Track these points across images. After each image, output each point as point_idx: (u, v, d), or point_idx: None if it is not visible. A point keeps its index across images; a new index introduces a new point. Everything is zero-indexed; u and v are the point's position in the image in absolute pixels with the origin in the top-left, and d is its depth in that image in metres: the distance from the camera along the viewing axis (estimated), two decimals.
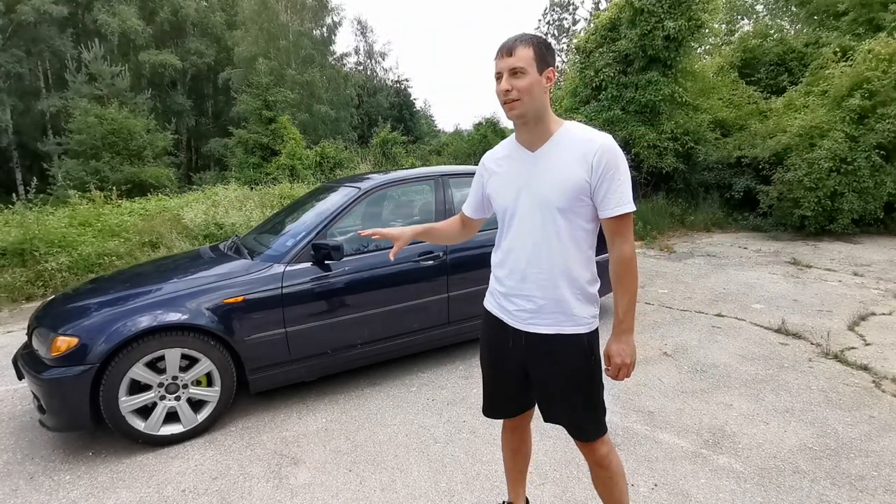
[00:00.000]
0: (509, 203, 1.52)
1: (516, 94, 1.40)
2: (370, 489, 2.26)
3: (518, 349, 1.58)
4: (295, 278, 2.91)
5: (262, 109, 15.60)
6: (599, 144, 1.40)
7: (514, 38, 1.43)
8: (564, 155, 1.43)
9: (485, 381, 1.76)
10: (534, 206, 1.47)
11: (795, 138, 8.15)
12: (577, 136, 1.44)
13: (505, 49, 1.42)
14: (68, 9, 21.59)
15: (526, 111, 1.42)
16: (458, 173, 3.76)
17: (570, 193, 1.41)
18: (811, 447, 2.47)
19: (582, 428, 1.58)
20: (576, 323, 1.49)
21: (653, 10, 8.94)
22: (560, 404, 1.57)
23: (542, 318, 1.50)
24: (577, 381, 1.53)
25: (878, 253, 6.86)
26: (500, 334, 1.62)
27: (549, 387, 1.57)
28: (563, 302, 1.48)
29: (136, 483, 2.36)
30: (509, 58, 1.40)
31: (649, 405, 2.91)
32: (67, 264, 5.81)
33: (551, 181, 1.43)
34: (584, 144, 1.42)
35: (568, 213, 1.43)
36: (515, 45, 1.40)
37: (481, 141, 15.25)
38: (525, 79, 1.39)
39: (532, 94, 1.40)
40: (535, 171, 1.47)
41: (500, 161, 1.60)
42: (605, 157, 1.39)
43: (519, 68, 1.39)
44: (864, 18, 11.13)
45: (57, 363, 2.43)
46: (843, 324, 4.17)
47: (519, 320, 1.55)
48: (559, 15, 31.00)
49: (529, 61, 1.39)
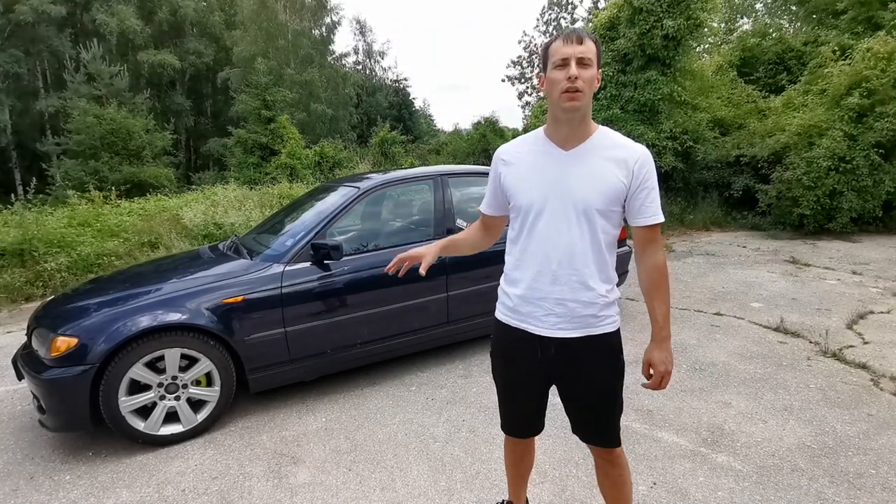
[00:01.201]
0: (535, 201, 1.44)
1: (582, 84, 1.33)
2: (370, 488, 2.26)
3: (547, 359, 1.50)
4: (294, 278, 2.92)
5: (261, 109, 15.61)
6: (641, 153, 1.40)
7: (581, 30, 1.37)
8: (603, 158, 1.40)
9: (503, 398, 1.70)
10: (567, 207, 1.41)
11: (794, 137, 8.16)
12: (618, 142, 1.43)
13: (575, 36, 1.34)
14: (66, 9, 21.56)
15: (584, 104, 1.37)
16: (457, 173, 3.77)
17: (608, 196, 1.39)
18: (809, 445, 2.48)
19: (613, 434, 1.56)
20: (607, 323, 1.48)
21: (651, 9, 8.95)
22: (592, 411, 1.54)
23: (574, 322, 1.45)
24: (607, 383, 1.51)
25: (876, 251, 6.87)
26: (524, 346, 1.52)
27: (580, 394, 1.54)
28: (593, 304, 1.45)
29: (136, 483, 2.36)
30: (580, 45, 1.33)
31: (648, 404, 2.91)
32: (66, 265, 5.81)
33: (590, 183, 1.39)
34: (626, 150, 1.40)
35: (604, 215, 1.41)
36: (584, 36, 1.34)
37: (480, 140, 15.26)
38: (590, 71, 1.34)
39: (592, 88, 1.36)
40: (570, 170, 1.41)
41: (521, 155, 1.51)
42: (647, 166, 1.39)
43: (588, 59, 1.33)
44: (862, 17, 11.13)
45: (57, 363, 2.43)
46: (841, 322, 4.18)
47: (548, 326, 1.47)
48: (557, 14, 30.99)
49: (594, 55, 1.35)
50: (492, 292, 1.71)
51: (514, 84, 31.75)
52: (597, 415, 1.54)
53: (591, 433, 1.58)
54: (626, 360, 1.56)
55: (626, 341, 1.57)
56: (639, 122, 9.45)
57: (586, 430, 1.59)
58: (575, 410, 1.58)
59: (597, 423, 1.55)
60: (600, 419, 1.54)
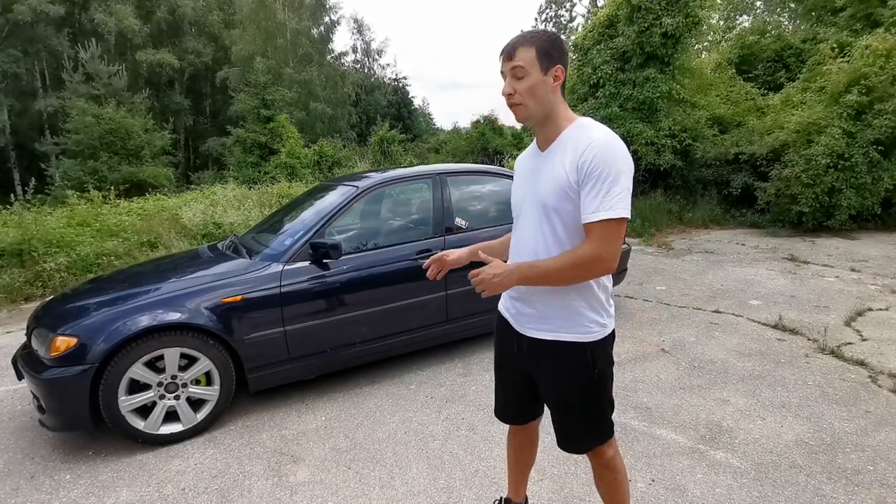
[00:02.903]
0: (516, 203, 1.54)
1: (518, 98, 1.36)
2: (369, 486, 2.27)
3: (522, 354, 1.56)
4: (293, 277, 2.92)
5: (260, 108, 15.60)
6: (591, 141, 1.31)
7: (515, 39, 1.38)
8: (561, 153, 1.38)
9: (495, 382, 1.75)
10: (532, 207, 1.45)
11: (793, 135, 8.16)
12: (578, 134, 1.37)
13: (505, 52, 1.37)
14: (65, 8, 21.50)
15: (531, 114, 1.38)
16: (456, 171, 3.77)
17: (557, 192, 1.36)
18: (807, 442, 2.49)
19: (579, 441, 1.54)
20: (576, 331, 1.42)
21: (650, 6, 8.94)
22: (557, 414, 1.54)
23: (543, 324, 1.46)
24: (571, 393, 1.48)
25: (875, 248, 6.88)
26: (508, 337, 1.60)
27: (547, 395, 1.55)
28: (563, 307, 1.42)
29: (136, 482, 2.37)
30: (509, 60, 1.36)
31: (647, 401, 2.92)
32: (66, 264, 5.81)
33: (546, 180, 1.40)
34: (579, 141, 1.34)
35: (561, 213, 1.37)
36: (516, 47, 1.35)
37: (479, 138, 15.27)
38: (527, 81, 1.35)
39: (536, 95, 1.35)
40: (540, 171, 1.44)
41: (522, 161, 1.58)
42: (593, 154, 1.29)
43: (520, 69, 1.34)
44: (861, 14, 11.14)
45: (56, 363, 2.43)
46: (839, 319, 4.18)
47: (521, 324, 1.53)
48: (556, 11, 30.97)
49: (531, 62, 1.34)
50: None
51: None
52: (561, 419, 1.54)
53: (558, 436, 1.57)
54: (626, 359, 1.56)
55: (625, 339, 1.58)
56: (638, 120, 9.45)
57: (556, 432, 1.58)
58: (549, 407, 1.60)
59: (561, 427, 1.55)
60: (564, 424, 1.54)
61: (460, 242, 3.42)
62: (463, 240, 3.43)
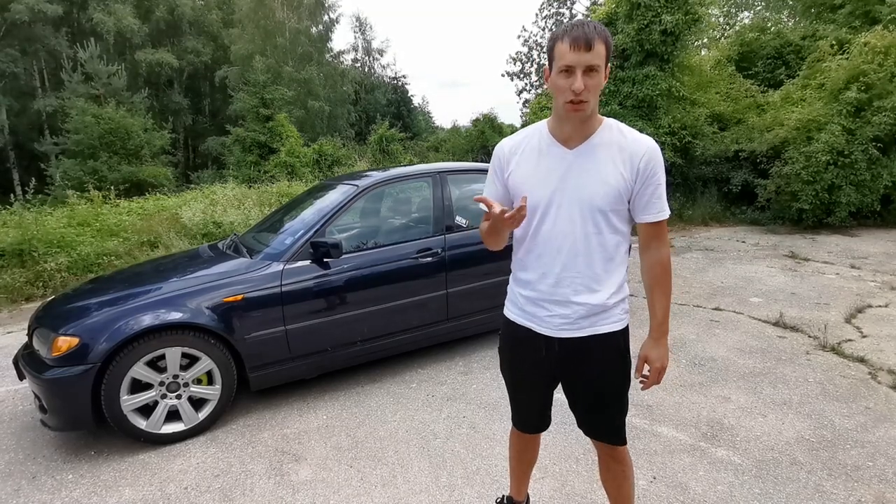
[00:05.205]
0: (540, 201, 1.40)
1: (586, 95, 1.26)
2: (371, 485, 2.28)
3: (552, 358, 1.50)
4: (294, 276, 2.92)
5: (260, 107, 15.56)
6: (647, 147, 1.35)
7: (590, 30, 1.24)
8: (608, 155, 1.35)
9: (511, 395, 1.70)
10: (573, 208, 1.37)
11: (793, 132, 8.17)
12: (624, 136, 1.37)
13: (583, 41, 1.23)
14: (63, 7, 21.48)
15: (588, 112, 1.32)
16: (456, 170, 3.77)
17: (612, 195, 1.35)
18: (808, 439, 2.49)
19: (618, 432, 1.55)
20: (610, 322, 1.44)
21: (650, 4, 8.92)
22: (599, 410, 1.53)
23: (579, 323, 1.44)
24: (614, 382, 1.50)
25: (875, 245, 6.88)
26: (529, 345, 1.52)
27: (586, 393, 1.53)
28: (599, 305, 1.42)
29: (138, 481, 2.37)
30: (587, 53, 1.23)
31: (648, 399, 2.92)
32: (66, 264, 5.80)
33: (594, 182, 1.35)
34: (631, 146, 1.35)
35: (610, 214, 1.37)
36: (594, 39, 1.23)
37: (479, 137, 15.24)
38: (596, 77, 1.27)
39: (596, 93, 1.29)
40: (575, 169, 1.37)
41: (525, 152, 1.45)
42: (653, 161, 1.35)
43: (596, 66, 1.25)
44: (860, 11, 11.13)
45: (58, 363, 2.43)
46: (840, 316, 4.19)
47: (552, 327, 1.46)
48: (556, 9, 30.91)
49: (603, 59, 1.26)
50: (491, 289, 1.73)
51: (514, 80, 31.73)
52: (604, 413, 1.54)
53: (599, 430, 1.58)
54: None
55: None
56: (637, 118, 9.43)
57: (594, 427, 1.58)
58: (581, 408, 1.57)
59: (604, 421, 1.55)
60: (608, 417, 1.54)
61: (461, 241, 3.43)
62: (463, 239, 3.44)
